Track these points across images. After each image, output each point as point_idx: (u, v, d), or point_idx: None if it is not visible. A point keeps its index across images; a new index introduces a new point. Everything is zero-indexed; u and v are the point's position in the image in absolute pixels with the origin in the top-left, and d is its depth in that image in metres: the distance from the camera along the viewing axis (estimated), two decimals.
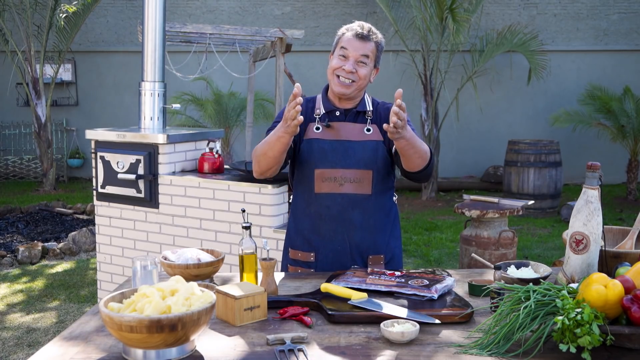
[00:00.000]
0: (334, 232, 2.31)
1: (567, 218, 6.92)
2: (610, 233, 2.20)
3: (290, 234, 2.44)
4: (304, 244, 2.36)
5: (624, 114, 8.89)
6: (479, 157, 10.53)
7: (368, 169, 2.29)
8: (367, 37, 2.27)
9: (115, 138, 4.12)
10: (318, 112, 2.35)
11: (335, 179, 2.28)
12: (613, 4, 10.38)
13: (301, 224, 2.37)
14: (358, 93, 2.33)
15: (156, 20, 4.25)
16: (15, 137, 10.90)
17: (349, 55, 2.26)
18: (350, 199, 2.28)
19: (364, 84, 2.30)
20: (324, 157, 2.29)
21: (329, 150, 2.29)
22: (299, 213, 2.38)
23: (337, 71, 2.27)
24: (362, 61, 2.26)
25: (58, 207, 7.88)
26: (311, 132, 2.32)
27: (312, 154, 2.29)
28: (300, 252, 2.37)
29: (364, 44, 2.27)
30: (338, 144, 2.30)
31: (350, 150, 2.29)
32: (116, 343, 1.61)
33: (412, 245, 6.57)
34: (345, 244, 2.31)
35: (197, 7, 10.60)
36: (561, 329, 1.46)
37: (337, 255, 2.32)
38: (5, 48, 9.42)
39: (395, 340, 1.59)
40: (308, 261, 2.35)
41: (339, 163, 2.28)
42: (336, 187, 2.28)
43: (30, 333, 4.25)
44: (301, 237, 2.37)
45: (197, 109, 9.75)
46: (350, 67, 2.25)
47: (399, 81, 10.30)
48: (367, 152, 2.29)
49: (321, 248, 2.33)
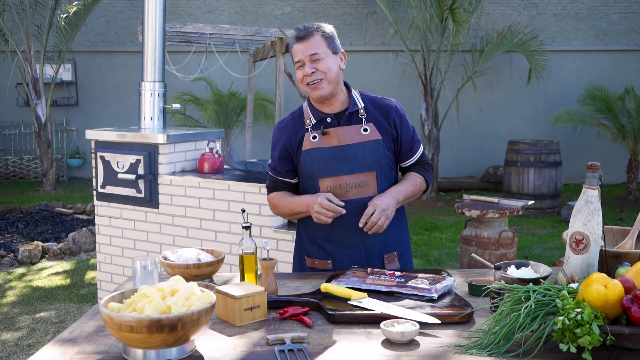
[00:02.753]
0: (346, 240, 2.29)
1: (567, 218, 6.92)
2: (610, 233, 2.20)
3: (303, 243, 2.41)
4: (319, 252, 2.35)
5: (624, 114, 8.89)
6: (479, 157, 10.53)
7: (371, 171, 2.27)
8: (306, 35, 2.23)
9: (115, 138, 4.12)
10: (309, 122, 2.31)
11: (341, 186, 2.26)
12: (613, 4, 10.38)
13: (313, 233, 2.35)
14: (335, 87, 2.26)
15: (156, 20, 4.25)
16: (15, 137, 10.90)
17: (302, 60, 2.23)
18: (357, 204, 2.26)
19: (333, 75, 2.23)
20: (325, 166, 2.26)
21: (329, 158, 2.26)
22: (309, 222, 2.34)
23: (304, 80, 2.25)
24: (315, 58, 2.22)
25: (58, 207, 7.88)
26: (308, 143, 2.29)
27: (313, 165, 2.27)
28: (318, 260, 2.36)
29: (307, 43, 2.22)
30: (337, 150, 2.26)
31: (350, 154, 2.26)
32: (116, 343, 1.61)
33: (412, 245, 6.53)
34: (360, 248, 2.30)
35: (197, 7, 10.60)
36: (561, 329, 1.46)
37: (353, 260, 2.30)
38: (5, 48, 9.42)
39: (395, 340, 1.59)
40: (326, 268, 2.34)
41: (342, 170, 2.26)
42: (342, 194, 2.26)
43: (30, 333, 4.25)
44: (316, 246, 2.35)
45: (197, 109, 9.75)
46: (309, 70, 2.22)
47: (399, 81, 10.31)
48: (368, 153, 2.26)
49: (337, 255, 2.32)
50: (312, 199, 2.22)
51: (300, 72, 2.24)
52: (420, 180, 2.38)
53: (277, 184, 2.40)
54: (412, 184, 2.34)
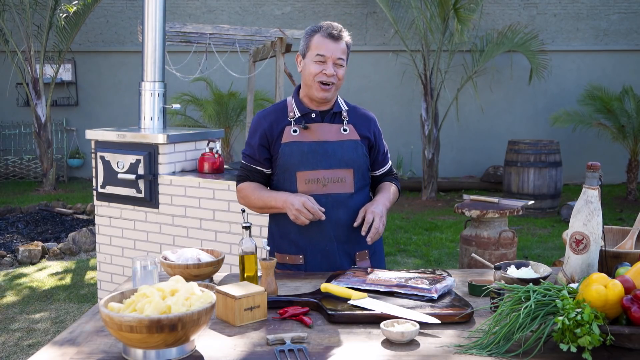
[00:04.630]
0: (321, 233, 2.30)
1: (567, 218, 6.93)
2: (610, 233, 2.20)
3: (274, 239, 2.42)
4: (290, 247, 2.35)
5: (624, 114, 8.89)
6: (479, 157, 10.53)
7: (349, 168, 2.31)
8: (340, 37, 2.26)
9: (115, 138, 4.12)
10: (292, 115, 2.33)
11: (318, 180, 2.29)
12: (613, 4, 10.39)
13: (285, 228, 2.35)
14: (334, 94, 2.33)
15: (156, 20, 4.25)
16: (15, 137, 10.90)
17: (326, 58, 2.23)
18: (334, 198, 2.29)
19: (340, 84, 2.31)
20: (304, 159, 2.28)
21: (309, 152, 2.29)
22: (281, 217, 2.34)
23: (318, 77, 2.25)
24: (340, 63, 2.26)
25: (58, 207, 7.88)
26: (288, 136, 2.31)
27: (292, 157, 2.28)
28: (288, 255, 2.36)
29: (338, 45, 2.25)
30: (317, 145, 2.30)
31: (330, 150, 2.30)
32: (116, 343, 1.61)
33: (412, 245, 6.57)
34: (333, 243, 2.32)
35: (197, 7, 10.60)
36: (561, 329, 1.46)
37: (325, 255, 2.32)
38: (5, 48, 9.42)
39: (395, 340, 1.59)
40: (297, 264, 2.34)
41: (320, 164, 2.29)
42: (320, 188, 2.29)
43: (30, 333, 4.25)
44: (287, 241, 2.36)
45: (197, 109, 9.75)
46: (332, 71, 2.23)
47: (399, 81, 10.31)
48: (346, 152, 2.31)
49: (309, 249, 2.33)
50: (292, 198, 2.22)
51: (319, 67, 2.25)
52: (395, 189, 2.50)
53: (250, 173, 2.39)
54: (392, 192, 2.46)
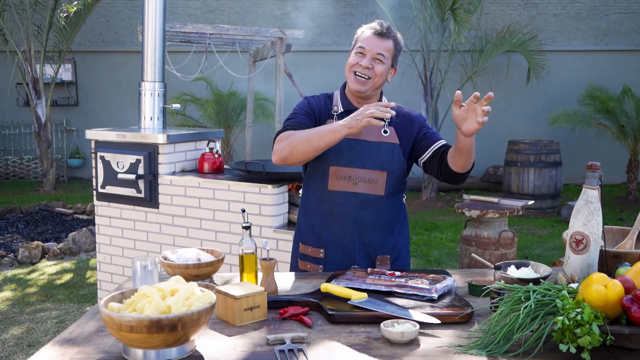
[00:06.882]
0: (344, 230, 2.31)
1: (567, 218, 6.92)
2: (610, 233, 2.20)
3: (300, 229, 2.43)
4: (314, 240, 2.36)
5: (624, 114, 8.89)
6: (479, 157, 10.35)
7: (383, 170, 2.30)
8: (385, 35, 2.28)
9: (115, 138, 4.12)
10: (336, 109, 2.35)
11: (350, 177, 2.28)
12: (613, 4, 10.38)
13: (312, 220, 2.37)
14: (374, 92, 2.32)
15: (156, 20, 4.25)
16: (15, 137, 10.90)
17: (366, 52, 2.26)
18: (363, 198, 2.28)
19: (380, 81, 2.29)
20: (340, 155, 2.28)
21: (346, 149, 2.28)
22: (310, 208, 2.37)
23: (354, 67, 2.27)
24: (379, 58, 2.26)
25: (58, 207, 7.88)
26: None
27: (328, 151, 2.25)
28: (311, 247, 2.37)
29: (382, 41, 2.27)
30: (355, 143, 2.29)
31: (366, 150, 2.29)
32: (116, 343, 1.61)
33: (412, 245, 6.57)
34: (355, 242, 2.31)
35: (197, 7, 10.60)
36: (561, 329, 1.45)
37: (346, 253, 2.32)
38: (5, 48, 9.41)
39: (395, 340, 1.59)
40: (317, 257, 2.35)
41: (355, 162, 2.28)
42: (350, 185, 2.28)
43: (30, 333, 4.25)
44: (312, 233, 2.37)
45: (197, 109, 9.74)
46: (367, 63, 2.25)
47: (399, 81, 10.28)
48: (383, 154, 2.29)
49: (331, 245, 2.33)
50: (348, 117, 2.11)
51: (357, 59, 2.27)
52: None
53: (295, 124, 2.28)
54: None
